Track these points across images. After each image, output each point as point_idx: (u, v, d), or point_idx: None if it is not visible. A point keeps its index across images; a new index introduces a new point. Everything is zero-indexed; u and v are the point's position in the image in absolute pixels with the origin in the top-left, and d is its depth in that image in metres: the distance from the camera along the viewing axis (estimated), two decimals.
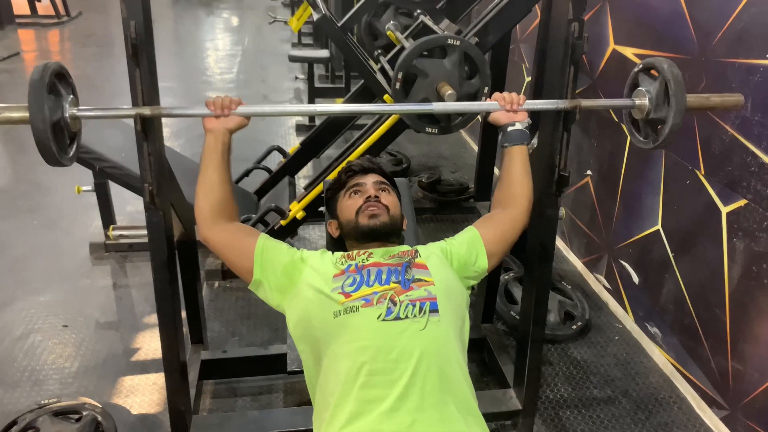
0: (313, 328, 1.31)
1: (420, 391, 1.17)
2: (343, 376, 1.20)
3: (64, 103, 1.24)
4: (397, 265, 1.35)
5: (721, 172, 1.98)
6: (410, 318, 1.25)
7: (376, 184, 1.53)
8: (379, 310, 1.25)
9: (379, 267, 1.34)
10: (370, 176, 1.55)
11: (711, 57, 2.00)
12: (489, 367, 2.26)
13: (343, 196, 1.55)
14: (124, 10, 1.37)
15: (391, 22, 2.75)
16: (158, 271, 1.60)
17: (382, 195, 1.51)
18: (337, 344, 1.25)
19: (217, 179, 1.40)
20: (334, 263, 1.38)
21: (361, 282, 1.31)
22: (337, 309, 1.27)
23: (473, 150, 4.44)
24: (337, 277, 1.34)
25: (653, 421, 2.09)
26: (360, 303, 1.27)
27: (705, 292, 2.09)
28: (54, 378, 2.19)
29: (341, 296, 1.29)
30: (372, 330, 1.23)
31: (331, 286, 1.32)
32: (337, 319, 1.26)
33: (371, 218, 1.45)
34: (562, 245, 3.15)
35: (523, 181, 1.51)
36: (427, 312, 1.26)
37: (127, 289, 2.78)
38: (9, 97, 5.37)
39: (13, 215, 3.35)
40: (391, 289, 1.29)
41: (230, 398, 2.13)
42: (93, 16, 9.63)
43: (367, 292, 1.29)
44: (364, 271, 1.34)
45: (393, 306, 1.26)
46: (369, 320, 1.24)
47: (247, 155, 3.96)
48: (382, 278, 1.32)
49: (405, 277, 1.32)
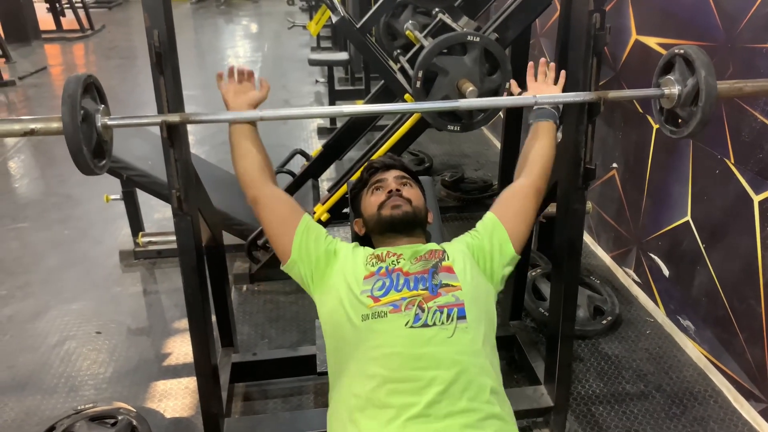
0: (341, 327, 1.31)
1: (448, 399, 1.16)
2: (369, 381, 1.20)
3: (95, 114, 1.26)
4: (424, 272, 1.34)
5: (751, 160, 1.94)
6: (438, 325, 1.24)
7: (398, 178, 1.53)
8: (407, 317, 1.25)
9: (407, 276, 1.33)
10: (392, 172, 1.55)
11: (737, 43, 1.97)
12: (519, 365, 2.25)
13: (366, 193, 1.55)
14: (147, 20, 1.40)
15: (410, 22, 2.75)
16: (188, 276, 1.62)
17: (403, 189, 1.51)
18: (364, 348, 1.25)
19: (251, 146, 1.46)
20: (364, 263, 1.38)
21: (390, 286, 1.31)
22: (365, 312, 1.27)
23: (496, 147, 4.41)
24: (367, 280, 1.33)
25: (689, 415, 2.05)
26: (388, 308, 1.26)
27: (738, 283, 2.04)
28: (89, 384, 2.24)
29: (370, 300, 1.29)
30: (400, 337, 1.23)
31: (360, 288, 1.32)
32: (365, 323, 1.26)
33: (393, 209, 1.45)
34: (590, 240, 3.11)
35: (542, 152, 1.52)
36: (455, 319, 1.25)
37: (157, 295, 2.82)
38: (38, 110, 5.50)
39: (46, 227, 3.43)
40: (419, 295, 1.28)
41: (261, 400, 2.15)
42: (116, 28, 9.81)
43: (396, 297, 1.28)
44: (393, 275, 1.33)
45: (421, 312, 1.25)
46: (397, 327, 1.24)
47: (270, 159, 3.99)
48: (410, 284, 1.31)
49: (432, 282, 1.31)
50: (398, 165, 1.59)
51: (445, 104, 1.67)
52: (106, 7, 11.82)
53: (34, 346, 2.44)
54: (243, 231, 2.83)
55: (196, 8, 12.09)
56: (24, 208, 3.68)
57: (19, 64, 7.06)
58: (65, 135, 1.18)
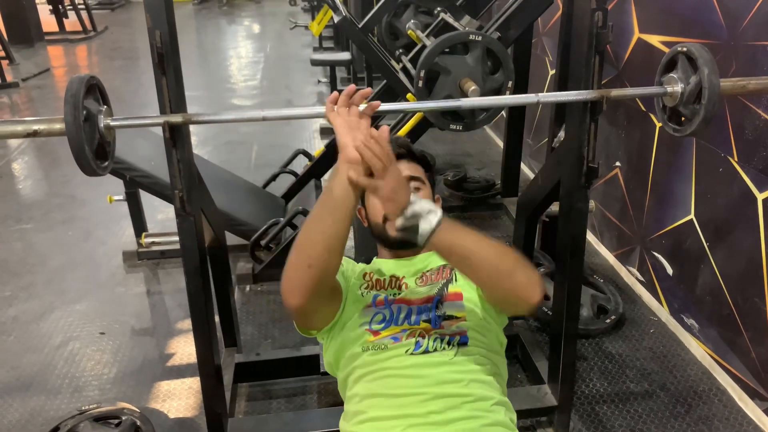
0: (343, 356, 1.29)
1: (451, 409, 1.15)
2: (370, 399, 1.20)
3: (98, 114, 1.27)
4: (428, 300, 1.28)
5: (755, 158, 1.94)
6: (439, 351, 1.22)
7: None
8: (407, 346, 1.22)
9: (410, 305, 1.28)
10: (399, 166, 1.30)
11: (740, 41, 1.96)
12: (522, 364, 2.24)
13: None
14: (149, 21, 1.40)
15: (412, 21, 2.76)
16: (191, 276, 1.62)
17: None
18: (364, 371, 1.23)
19: (343, 237, 1.11)
20: (361, 293, 1.31)
21: (390, 320, 1.26)
22: (365, 345, 1.25)
23: (498, 146, 4.41)
24: (365, 311, 1.28)
25: (693, 414, 2.05)
26: (388, 342, 1.23)
27: (743, 281, 2.04)
28: (93, 384, 2.24)
29: (369, 334, 1.25)
30: (400, 362, 1.21)
31: (359, 322, 1.27)
32: (366, 353, 1.24)
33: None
34: (593, 239, 3.10)
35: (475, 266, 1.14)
36: (456, 344, 1.23)
37: (160, 295, 2.83)
38: (42, 111, 5.52)
39: (50, 228, 3.44)
40: (421, 329, 1.25)
41: (265, 400, 2.15)
42: (119, 30, 9.83)
43: (396, 330, 1.25)
44: (393, 307, 1.28)
45: (421, 340, 1.23)
46: (397, 354, 1.22)
47: (273, 160, 4.01)
48: (411, 318, 1.26)
49: (436, 313, 1.26)
50: (407, 154, 1.42)
51: (448, 103, 1.66)
52: (109, 9, 11.85)
53: (38, 347, 2.45)
54: (246, 231, 2.83)
55: (198, 9, 12.11)
56: (28, 209, 3.69)
57: (22, 66, 7.08)
58: (68, 136, 1.18)
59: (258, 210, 3.06)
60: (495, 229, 3.31)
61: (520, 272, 1.13)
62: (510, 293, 1.13)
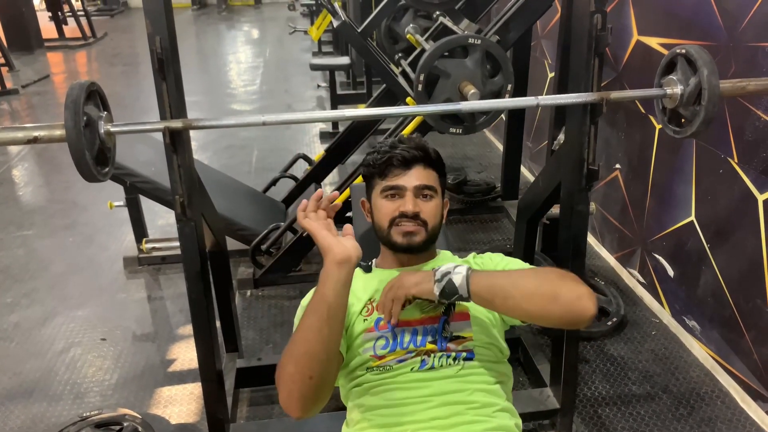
0: (346, 374, 1.28)
1: (455, 414, 1.15)
2: (374, 410, 1.20)
3: (98, 120, 1.27)
4: (434, 321, 1.24)
5: (755, 159, 1.94)
6: (444, 367, 1.21)
7: (418, 189, 1.30)
8: (412, 364, 1.21)
9: (415, 326, 1.24)
10: (413, 173, 1.30)
11: (739, 42, 1.96)
12: (524, 367, 2.24)
13: (379, 191, 1.33)
14: (149, 26, 1.40)
15: (411, 25, 2.76)
16: (192, 281, 1.62)
17: (422, 206, 1.30)
18: (371, 391, 1.22)
19: (340, 336, 1.11)
20: (363, 318, 1.26)
21: (394, 345, 1.22)
22: (369, 367, 1.23)
23: (498, 149, 4.41)
24: (367, 334, 1.24)
25: (696, 416, 2.04)
26: (393, 363, 1.22)
27: (744, 282, 2.04)
28: (95, 390, 2.24)
29: (374, 359, 1.22)
30: (406, 378, 1.20)
31: (362, 347, 1.23)
32: (370, 372, 1.23)
33: (405, 236, 1.29)
34: (594, 241, 3.10)
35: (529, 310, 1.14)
36: (462, 360, 1.22)
37: (161, 301, 2.82)
38: (42, 117, 5.53)
39: (51, 234, 3.44)
40: (426, 350, 1.23)
41: (267, 405, 2.14)
42: (118, 36, 9.86)
43: (401, 353, 1.22)
44: (397, 330, 1.23)
45: (427, 358, 1.21)
46: (402, 373, 1.21)
47: (273, 164, 4.02)
48: (417, 340, 1.22)
49: (442, 335, 1.23)
50: (422, 158, 1.32)
51: (448, 107, 1.66)
52: (108, 15, 11.89)
53: (40, 353, 2.44)
54: (246, 236, 2.83)
55: (197, 15, 12.15)
56: (29, 216, 3.70)
57: (22, 73, 7.10)
58: (68, 142, 1.18)
59: (258, 214, 3.06)
60: (495, 231, 3.31)
61: (565, 291, 1.11)
62: (563, 315, 1.11)
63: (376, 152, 1.35)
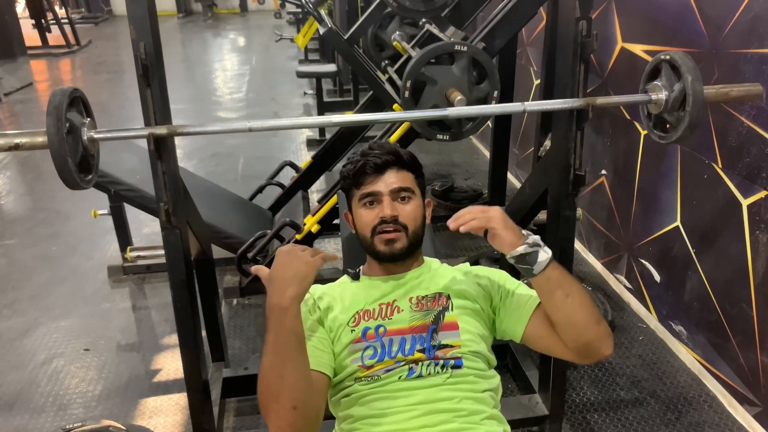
0: (334, 383, 1.26)
1: (442, 422, 1.15)
2: (361, 419, 1.19)
3: (81, 127, 1.25)
4: (423, 330, 1.24)
5: (739, 165, 1.95)
6: (432, 375, 1.21)
7: (394, 193, 1.30)
8: (400, 373, 1.21)
9: (403, 335, 1.23)
10: (387, 177, 1.30)
11: (722, 49, 1.98)
12: (513, 373, 2.24)
13: (358, 200, 1.33)
14: (134, 32, 1.39)
15: (397, 33, 2.76)
16: (177, 290, 1.60)
17: (400, 210, 1.30)
18: (359, 401, 1.22)
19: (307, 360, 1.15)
20: (350, 329, 1.25)
21: (382, 354, 1.22)
22: (357, 377, 1.22)
23: (485, 156, 4.43)
24: (354, 345, 1.23)
25: (684, 421, 2.05)
26: (381, 372, 1.21)
27: (730, 287, 2.05)
28: (78, 402, 2.20)
29: (362, 369, 1.22)
30: (394, 387, 1.20)
31: (349, 357, 1.23)
32: (358, 383, 1.22)
33: (387, 245, 1.29)
34: (581, 247, 3.12)
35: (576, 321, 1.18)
36: (450, 368, 1.22)
37: (146, 310, 2.79)
38: (25, 126, 5.47)
39: (34, 243, 3.39)
40: (415, 359, 1.22)
41: (254, 415, 2.12)
42: (103, 44, 9.80)
43: (389, 363, 1.22)
44: (385, 340, 1.23)
45: (415, 366, 1.21)
46: (391, 382, 1.20)
47: (259, 172, 3.99)
48: (405, 348, 1.22)
49: (431, 343, 1.23)
50: (393, 161, 1.32)
51: (434, 113, 1.65)
52: (93, 23, 11.83)
53: (22, 364, 2.40)
54: (233, 244, 2.81)
55: (183, 22, 12.11)
56: (12, 225, 3.64)
57: (5, 80, 7.03)
58: (50, 148, 1.15)
59: (245, 222, 3.03)
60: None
61: (603, 323, 1.19)
62: (592, 341, 1.18)
63: (350, 163, 1.36)
